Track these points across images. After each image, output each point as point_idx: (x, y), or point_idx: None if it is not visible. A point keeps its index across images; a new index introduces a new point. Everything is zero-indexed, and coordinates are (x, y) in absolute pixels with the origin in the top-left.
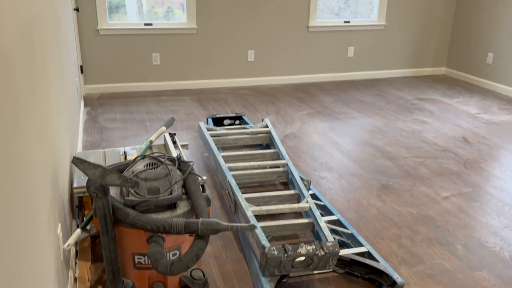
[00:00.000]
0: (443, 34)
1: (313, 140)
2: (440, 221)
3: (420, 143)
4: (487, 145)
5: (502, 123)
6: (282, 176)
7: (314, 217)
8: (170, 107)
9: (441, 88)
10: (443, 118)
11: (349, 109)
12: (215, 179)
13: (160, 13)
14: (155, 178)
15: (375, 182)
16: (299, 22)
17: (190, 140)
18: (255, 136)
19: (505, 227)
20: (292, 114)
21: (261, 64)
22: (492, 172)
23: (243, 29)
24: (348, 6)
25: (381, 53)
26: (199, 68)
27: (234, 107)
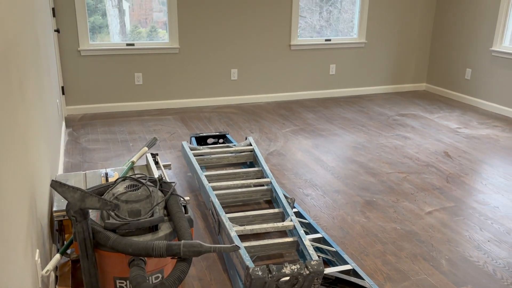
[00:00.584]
0: (422, 51)
1: (297, 158)
2: (424, 236)
3: (403, 158)
4: (468, 160)
5: (482, 137)
6: (266, 195)
7: (298, 236)
8: (153, 127)
9: (422, 103)
10: (425, 133)
11: (332, 125)
12: (199, 199)
13: (144, 33)
14: (136, 200)
15: (359, 198)
16: (281, 40)
17: (173, 160)
18: (239, 154)
19: (488, 241)
20: (275, 132)
21: (245, 82)
22: (474, 186)
23: (226, 48)
24: (330, 25)
25: (362, 70)
26: (182, 87)
27: (218, 126)
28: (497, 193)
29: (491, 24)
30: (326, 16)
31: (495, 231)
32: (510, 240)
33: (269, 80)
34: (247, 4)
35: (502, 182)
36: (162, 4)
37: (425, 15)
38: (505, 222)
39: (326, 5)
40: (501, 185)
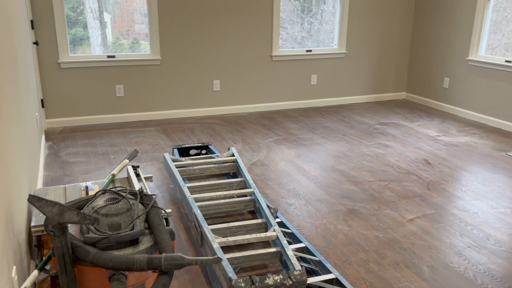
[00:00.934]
0: (401, 61)
1: (280, 167)
2: (406, 244)
3: (384, 166)
4: (448, 167)
5: (461, 144)
6: (249, 205)
7: (281, 246)
8: (135, 139)
9: (402, 112)
10: (405, 141)
11: (314, 135)
12: (182, 211)
13: (126, 45)
14: (116, 213)
15: (341, 207)
16: (262, 51)
17: (155, 172)
18: (222, 165)
19: (468, 247)
20: (258, 142)
21: (227, 93)
22: (453, 193)
23: (208, 59)
24: (311, 35)
25: (343, 80)
26: (164, 98)
27: (201, 137)
28: (476, 199)
29: (467, 35)
30: (307, 27)
31: (475, 237)
32: (489, 245)
33: (251, 90)
34: (228, 16)
35: (481, 188)
36: (144, 16)
37: (403, 26)
38: (484, 228)
39: (307, 16)
40: (480, 191)
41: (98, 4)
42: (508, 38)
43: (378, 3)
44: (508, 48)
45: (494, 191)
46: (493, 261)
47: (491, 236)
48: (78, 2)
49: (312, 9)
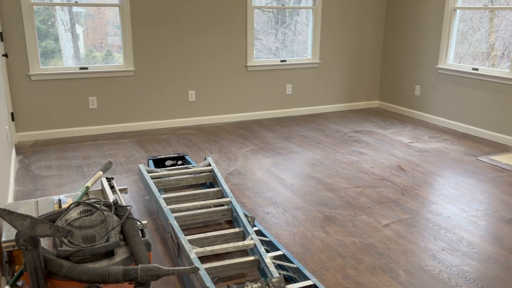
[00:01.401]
0: (373, 70)
1: (257, 176)
2: (382, 249)
3: (359, 173)
4: (421, 172)
5: (433, 150)
6: (226, 215)
7: (259, 254)
8: (109, 151)
9: (375, 120)
10: (379, 148)
11: (290, 144)
12: (158, 223)
13: (99, 57)
14: (90, 225)
15: (318, 214)
16: (237, 62)
17: (130, 184)
18: (198, 175)
19: (442, 250)
20: (235, 152)
21: (202, 103)
22: (427, 198)
23: (183, 70)
24: (285, 46)
25: (318, 89)
26: (138, 109)
27: (176, 148)
28: (449, 203)
29: (436, 44)
30: (281, 38)
31: (448, 240)
32: (462, 248)
33: (227, 100)
34: (203, 26)
35: (453, 193)
36: (117, 28)
37: (374, 37)
38: (457, 231)
39: (281, 27)
40: (452, 196)
41: (69, 16)
42: (475, 47)
43: (349, 15)
44: (475, 57)
45: (465, 195)
46: (466, 263)
47: (463, 239)
48: (49, 15)
49: (285, 20)
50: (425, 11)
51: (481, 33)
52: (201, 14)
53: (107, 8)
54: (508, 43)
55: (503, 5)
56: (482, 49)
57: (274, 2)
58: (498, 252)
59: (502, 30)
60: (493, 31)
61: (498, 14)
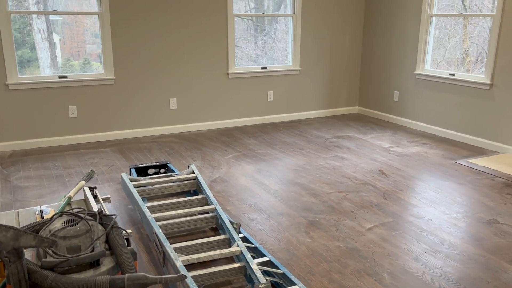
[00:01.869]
0: (353, 76)
1: (240, 183)
2: (366, 252)
3: (341, 178)
4: (402, 176)
5: (413, 154)
6: (211, 222)
7: (245, 261)
8: (90, 160)
9: (356, 125)
10: (360, 153)
11: (273, 150)
12: (142, 232)
13: (77, 66)
14: (75, 235)
15: (302, 219)
16: (218, 69)
17: (112, 193)
18: (182, 183)
19: (424, 252)
20: (218, 159)
21: (184, 111)
22: (408, 201)
23: (164, 77)
24: (265, 53)
25: (299, 96)
26: (119, 118)
27: (159, 156)
28: (430, 206)
29: (413, 50)
30: (261, 45)
31: (430, 242)
32: (444, 250)
33: (209, 108)
34: (183, 34)
35: (434, 196)
36: (95, 36)
37: (353, 44)
38: (439, 233)
39: (261, 35)
40: (433, 199)
41: (47, 25)
42: (450, 53)
43: (328, 22)
44: (451, 63)
45: (445, 198)
46: (448, 264)
47: (445, 241)
48: (25, 23)
49: (265, 28)
50: (402, 18)
51: (456, 40)
52: (182, 22)
53: (84, 16)
54: (482, 49)
55: (476, 12)
56: (457, 55)
57: (254, 10)
58: (478, 253)
59: (476, 36)
60: (467, 38)
61: (471, 21)
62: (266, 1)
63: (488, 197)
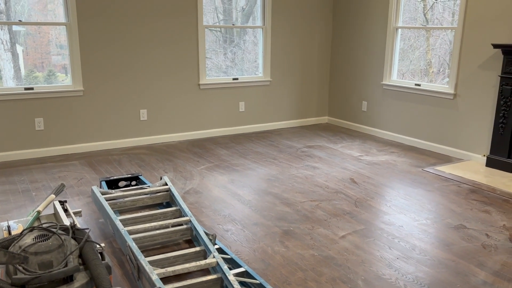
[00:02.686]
0: (322, 87)
1: (214, 194)
2: (341, 260)
3: (314, 187)
4: (372, 184)
5: (382, 163)
6: (186, 234)
7: (222, 272)
8: (58, 174)
9: (326, 135)
10: (331, 162)
11: (246, 160)
12: (114, 246)
13: (41, 77)
14: (47, 250)
15: (277, 229)
16: (189, 80)
17: (82, 207)
18: (155, 195)
19: (397, 258)
20: (190, 170)
21: (155, 122)
22: (379, 209)
23: (134, 89)
24: (235, 64)
25: (270, 106)
26: (88, 130)
27: (129, 168)
28: (400, 213)
29: (380, 62)
30: (231, 57)
31: (402, 248)
32: (415, 255)
33: (180, 119)
34: (154, 45)
35: (404, 203)
36: (60, 47)
37: (322, 55)
38: (410, 240)
39: (230, 46)
40: (403, 206)
41: (9, 36)
42: (414, 64)
43: (298, 34)
44: (415, 73)
45: (415, 205)
46: (420, 269)
47: (416, 247)
48: None
49: (234, 39)
50: (369, 31)
51: (420, 51)
52: (152, 33)
53: (49, 27)
54: (443, 60)
55: (437, 25)
56: (421, 66)
57: (222, 21)
58: (448, 257)
59: (438, 48)
60: (430, 49)
61: (433, 33)
62: (234, 13)
63: (455, 203)
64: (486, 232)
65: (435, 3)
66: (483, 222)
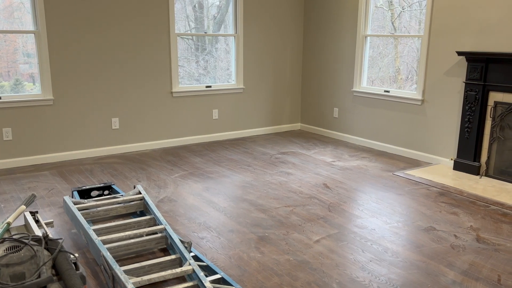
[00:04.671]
0: (294, 94)
1: (189, 202)
2: (316, 264)
3: (288, 193)
4: (345, 189)
5: (354, 168)
6: (161, 242)
7: (198, 279)
8: (28, 184)
9: (299, 141)
10: (305, 168)
11: (220, 167)
12: (87, 256)
13: (7, 86)
14: (19, 262)
15: (252, 235)
16: (162, 88)
17: (54, 217)
18: (128, 204)
19: (370, 261)
20: (164, 178)
21: (127, 131)
22: (352, 213)
23: (105, 97)
24: (208, 72)
25: (243, 113)
26: (59, 139)
27: (101, 177)
28: (372, 217)
29: (350, 68)
30: (203, 65)
31: (374, 251)
32: (388, 258)
33: (153, 127)
34: (126, 53)
35: (375, 207)
36: (28, 56)
37: (294, 63)
38: (382, 242)
39: (202, 54)
40: (374, 209)
41: None
42: (383, 72)
43: (270, 42)
44: (384, 80)
45: (386, 208)
46: (393, 271)
47: (388, 249)
48: None
49: (206, 47)
50: (339, 39)
51: (388, 59)
52: (124, 41)
53: (15, 35)
54: (411, 67)
55: (405, 33)
56: (389, 73)
57: (194, 29)
58: (419, 259)
59: (405, 55)
60: (398, 57)
61: (401, 41)
62: (206, 21)
63: (425, 205)
64: (454, 233)
65: (402, 11)
66: (452, 223)
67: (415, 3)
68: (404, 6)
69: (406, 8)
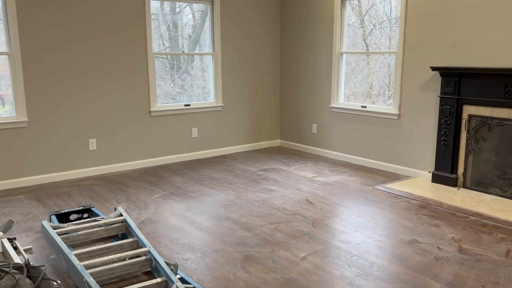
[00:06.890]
0: (273, 111)
1: (171, 223)
2: (303, 281)
3: (271, 210)
4: (328, 204)
5: (335, 183)
6: (145, 265)
7: None
8: (2, 210)
9: (279, 158)
10: (287, 184)
11: (201, 186)
12: (68, 282)
13: None
14: None
15: (238, 254)
16: (140, 107)
17: (31, 243)
18: (110, 227)
19: (357, 276)
20: (145, 199)
21: (105, 152)
22: (336, 228)
23: (82, 118)
24: (185, 91)
25: (223, 131)
26: (34, 162)
27: (80, 200)
28: (356, 231)
29: (328, 85)
30: (180, 83)
31: (360, 266)
32: (374, 272)
33: (131, 147)
34: (102, 73)
35: (358, 221)
36: None
37: (272, 80)
38: (368, 257)
39: (178, 73)
40: (358, 224)
41: None
42: (358, 87)
43: (247, 60)
44: (359, 96)
45: (369, 222)
46: (379, 285)
47: (374, 263)
48: None
49: (181, 66)
50: (316, 56)
51: (362, 75)
52: (101, 61)
53: None
54: (383, 83)
55: (376, 49)
56: (363, 88)
57: (168, 49)
58: (404, 272)
59: (377, 71)
60: (370, 73)
61: (373, 57)
62: (180, 40)
63: (407, 218)
64: (437, 245)
65: (373, 29)
66: (434, 235)
67: (385, 20)
68: (375, 24)
69: (377, 25)
